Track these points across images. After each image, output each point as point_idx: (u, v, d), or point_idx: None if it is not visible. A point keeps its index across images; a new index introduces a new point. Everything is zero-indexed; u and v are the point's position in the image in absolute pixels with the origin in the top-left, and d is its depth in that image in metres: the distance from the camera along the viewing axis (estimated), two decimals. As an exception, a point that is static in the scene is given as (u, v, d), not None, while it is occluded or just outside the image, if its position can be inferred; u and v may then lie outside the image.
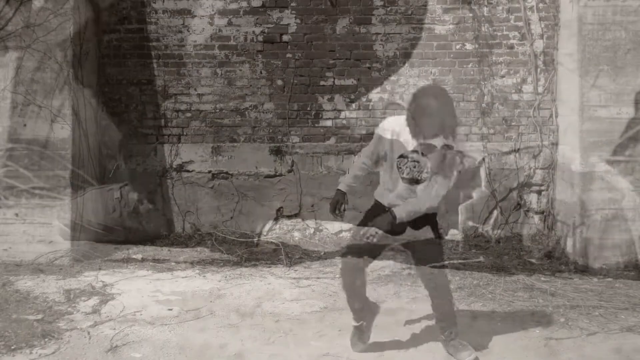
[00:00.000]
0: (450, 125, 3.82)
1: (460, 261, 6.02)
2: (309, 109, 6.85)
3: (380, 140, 3.99)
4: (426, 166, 3.84)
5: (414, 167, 3.87)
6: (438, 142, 3.80)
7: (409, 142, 3.87)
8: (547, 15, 6.67)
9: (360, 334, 4.16)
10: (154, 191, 6.89)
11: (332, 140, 6.84)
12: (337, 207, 4.09)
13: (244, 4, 6.82)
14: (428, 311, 4.82)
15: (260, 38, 6.83)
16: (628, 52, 6.10)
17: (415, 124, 3.80)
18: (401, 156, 3.89)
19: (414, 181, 3.88)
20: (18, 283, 5.37)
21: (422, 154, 3.84)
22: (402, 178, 3.91)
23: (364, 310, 4.14)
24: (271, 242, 6.57)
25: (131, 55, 6.86)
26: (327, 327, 4.55)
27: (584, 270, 5.85)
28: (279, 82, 6.84)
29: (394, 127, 3.94)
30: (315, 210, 6.84)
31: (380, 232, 3.81)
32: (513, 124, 6.78)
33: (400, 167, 3.90)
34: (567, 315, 4.71)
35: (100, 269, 5.85)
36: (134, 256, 6.19)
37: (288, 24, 6.82)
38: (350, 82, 6.82)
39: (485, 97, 6.77)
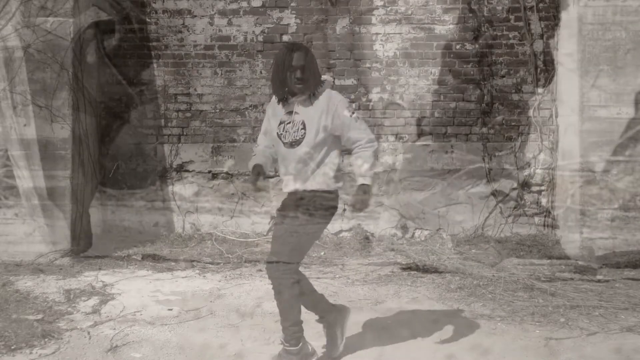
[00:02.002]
0: (314, 77, 3.78)
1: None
2: (309, 109, 6.85)
3: (266, 116, 3.97)
4: (300, 123, 3.75)
5: (291, 128, 3.77)
6: (308, 98, 3.77)
7: (280, 108, 3.83)
8: (547, 15, 6.68)
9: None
10: (154, 191, 6.89)
11: (332, 140, 6.84)
12: (257, 179, 3.84)
13: (244, 4, 6.82)
14: (429, 311, 4.82)
15: (260, 38, 6.83)
16: (628, 52, 6.10)
17: (281, 85, 3.76)
18: (280, 124, 3.82)
19: (295, 143, 3.75)
20: (18, 283, 5.37)
21: (296, 112, 3.78)
22: (285, 144, 3.78)
23: (292, 330, 3.85)
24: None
25: (131, 55, 6.86)
26: (327, 327, 4.54)
27: (584, 270, 5.85)
28: (279, 82, 6.83)
29: (271, 101, 3.94)
30: (315, 210, 6.83)
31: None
32: (513, 124, 6.78)
33: (282, 134, 3.80)
34: (567, 315, 4.71)
35: (100, 269, 5.86)
36: (134, 256, 6.19)
37: (288, 24, 6.82)
38: (350, 82, 6.82)
39: (485, 97, 6.77)
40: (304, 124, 3.74)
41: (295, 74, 3.71)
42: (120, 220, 6.88)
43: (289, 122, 3.78)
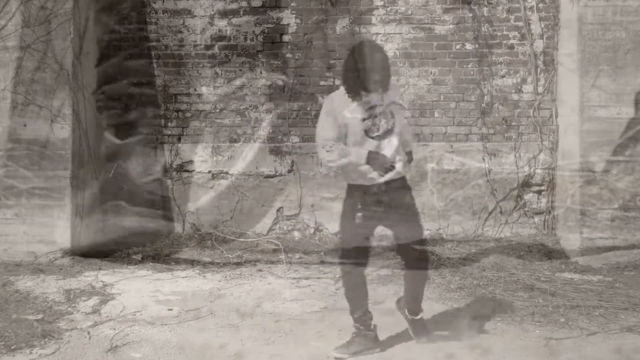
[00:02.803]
0: (390, 76, 4.03)
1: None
2: (309, 109, 6.85)
3: (336, 119, 3.96)
4: (390, 113, 3.96)
5: (382, 119, 3.93)
6: (381, 95, 3.95)
7: (355, 106, 3.93)
8: (547, 15, 6.68)
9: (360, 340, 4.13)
10: (154, 191, 6.89)
11: (332, 140, 6.83)
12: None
13: (244, 4, 6.82)
14: (428, 311, 4.82)
15: (260, 38, 6.83)
16: (628, 52, 6.10)
17: (359, 84, 3.89)
18: (365, 119, 3.92)
19: (389, 132, 3.95)
20: (18, 283, 5.38)
21: (381, 104, 3.94)
22: (375, 137, 3.93)
23: (363, 319, 4.16)
24: (271, 242, 6.58)
25: (131, 55, 6.86)
26: (327, 327, 4.55)
27: (584, 270, 5.85)
28: (279, 82, 6.84)
29: (339, 102, 3.97)
30: (315, 210, 6.84)
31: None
32: (513, 124, 6.78)
33: (370, 128, 3.93)
34: (567, 315, 4.71)
35: (100, 269, 5.86)
36: (134, 256, 6.19)
37: (288, 24, 6.82)
38: (350, 82, 6.80)
39: (485, 97, 6.77)
40: (392, 113, 3.96)
41: (374, 75, 3.89)
42: (120, 221, 6.87)
43: (378, 115, 3.93)
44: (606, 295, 5.14)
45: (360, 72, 3.89)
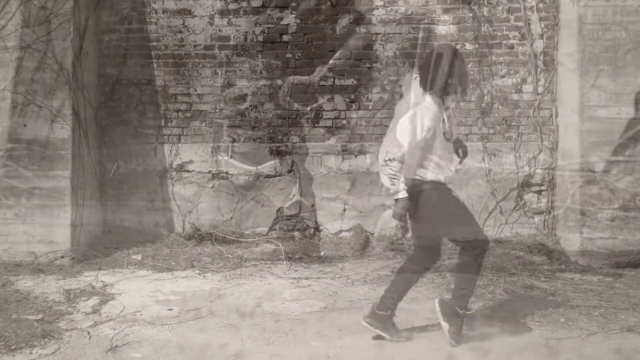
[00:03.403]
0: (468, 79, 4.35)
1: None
2: (309, 109, 6.85)
3: (417, 124, 4.06)
4: (453, 115, 4.21)
5: (451, 121, 4.14)
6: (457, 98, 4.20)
7: (440, 109, 4.08)
8: (547, 15, 6.68)
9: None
10: (154, 191, 6.89)
11: (332, 140, 6.84)
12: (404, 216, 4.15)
13: (244, 4, 6.82)
14: (428, 311, 4.82)
15: (260, 38, 6.83)
16: (628, 52, 6.10)
17: (447, 84, 4.05)
18: (442, 122, 4.09)
19: (452, 133, 4.16)
20: (18, 283, 5.38)
21: (449, 107, 4.15)
22: (447, 139, 4.10)
23: None
24: (271, 242, 6.58)
25: (131, 55, 6.86)
26: (327, 327, 4.55)
27: (584, 270, 5.85)
28: (279, 82, 6.84)
29: (420, 106, 4.09)
30: (315, 210, 6.84)
31: None
32: (513, 124, 6.78)
33: (446, 131, 4.10)
34: (567, 315, 4.71)
35: (100, 269, 5.86)
36: (134, 256, 6.19)
37: (288, 24, 6.82)
38: (350, 82, 6.82)
39: (485, 97, 6.77)
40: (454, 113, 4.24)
41: (454, 79, 4.06)
42: (120, 220, 6.87)
43: (449, 117, 4.12)
44: (606, 295, 5.14)
45: (450, 75, 4.04)
